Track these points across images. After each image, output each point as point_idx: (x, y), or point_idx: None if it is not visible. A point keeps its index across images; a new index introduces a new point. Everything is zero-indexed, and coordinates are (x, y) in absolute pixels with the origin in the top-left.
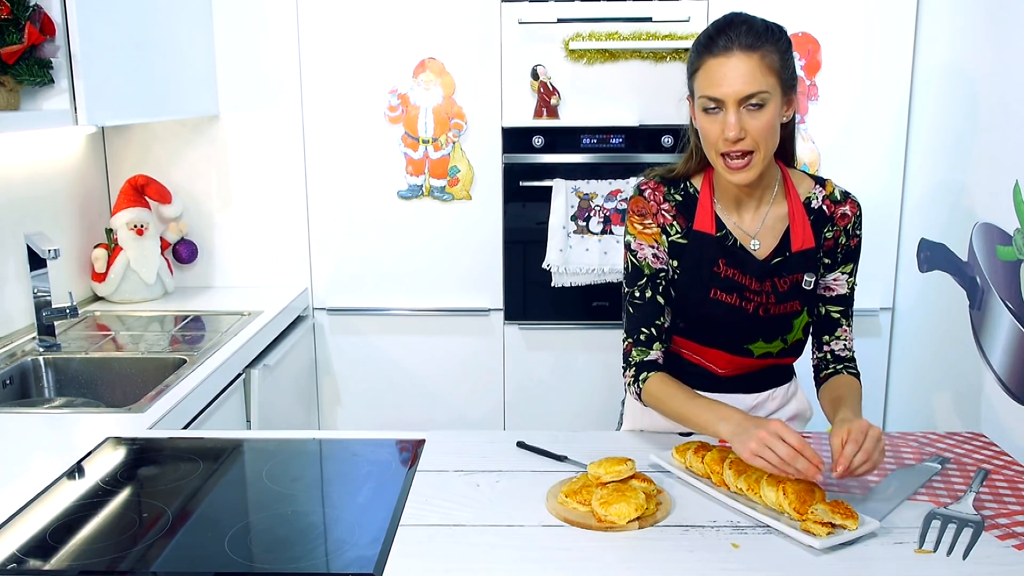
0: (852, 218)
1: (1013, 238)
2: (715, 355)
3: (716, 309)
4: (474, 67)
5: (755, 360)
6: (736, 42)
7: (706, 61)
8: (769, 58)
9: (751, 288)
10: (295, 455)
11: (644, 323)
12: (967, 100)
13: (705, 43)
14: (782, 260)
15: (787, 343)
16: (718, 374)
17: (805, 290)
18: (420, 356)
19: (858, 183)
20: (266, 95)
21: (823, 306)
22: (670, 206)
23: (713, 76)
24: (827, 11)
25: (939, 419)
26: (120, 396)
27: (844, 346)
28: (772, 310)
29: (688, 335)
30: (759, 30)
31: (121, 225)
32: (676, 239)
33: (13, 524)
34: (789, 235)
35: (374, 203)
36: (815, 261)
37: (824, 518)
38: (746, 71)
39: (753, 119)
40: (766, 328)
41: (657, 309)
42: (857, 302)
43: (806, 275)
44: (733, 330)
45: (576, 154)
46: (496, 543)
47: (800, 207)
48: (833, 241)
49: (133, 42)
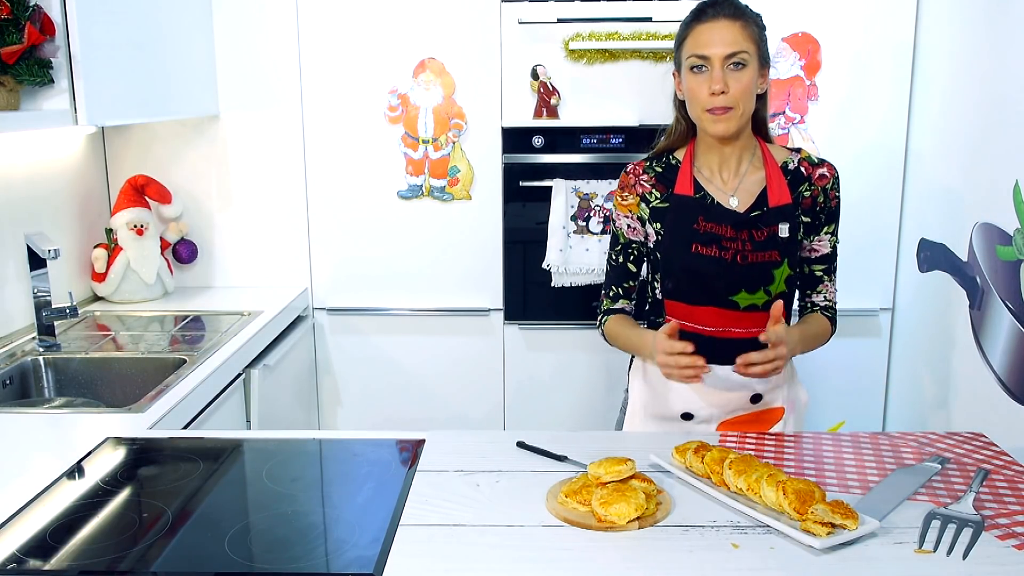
0: (831, 179)
1: (1013, 238)
2: (704, 313)
3: (698, 262)
4: (474, 67)
5: (742, 313)
6: (722, 12)
7: (694, 28)
8: (750, 28)
9: (727, 236)
10: (295, 455)
11: (615, 282)
12: (967, 100)
13: (694, 14)
14: (760, 214)
15: (770, 295)
16: (709, 335)
17: (782, 239)
18: (420, 356)
19: (858, 183)
20: (266, 95)
21: (808, 266)
22: (649, 176)
23: (701, 38)
24: (827, 11)
25: (939, 419)
26: (120, 396)
27: (825, 298)
28: (750, 257)
29: (677, 295)
30: (742, 7)
31: (121, 225)
32: (657, 204)
33: (13, 524)
34: (766, 193)
35: (374, 203)
36: (792, 216)
37: (824, 518)
38: (729, 34)
39: (734, 78)
40: (747, 277)
41: (627, 273)
42: (857, 302)
43: (781, 224)
44: (716, 281)
45: (576, 154)
46: (496, 543)
47: (777, 170)
48: (811, 200)
49: (133, 42)
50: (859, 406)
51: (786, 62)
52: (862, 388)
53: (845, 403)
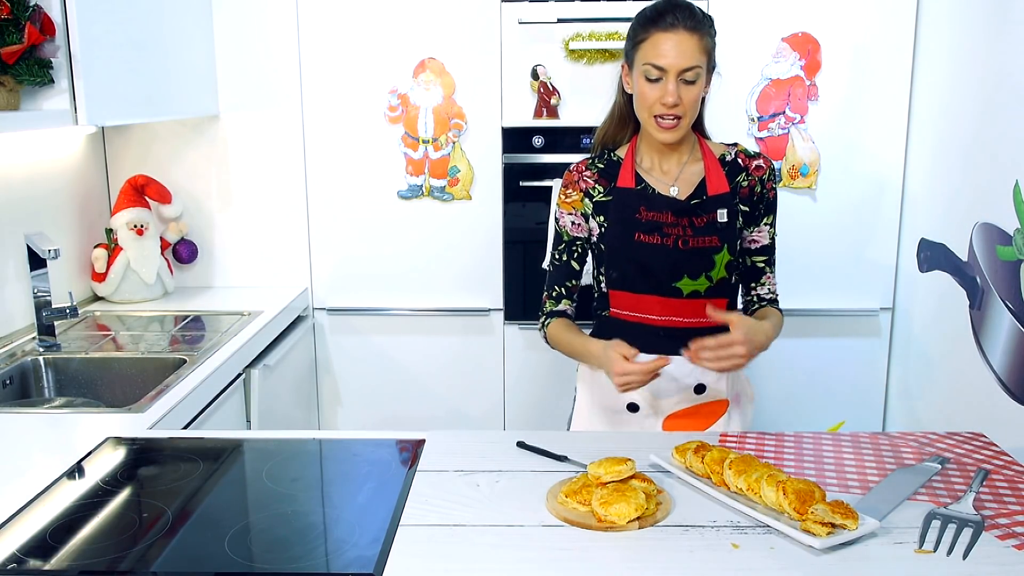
0: (767, 170)
1: (1013, 238)
2: (648, 301)
3: (641, 251)
4: (474, 67)
5: (685, 301)
6: (682, 23)
7: (653, 34)
8: (705, 41)
9: (668, 222)
10: (295, 455)
11: (558, 282)
12: (967, 100)
13: (653, 17)
14: (699, 202)
15: (712, 281)
16: (655, 325)
17: (721, 223)
18: (420, 356)
19: (858, 183)
20: (266, 95)
21: (749, 258)
22: (591, 173)
23: (660, 48)
24: (827, 11)
25: (939, 419)
26: (120, 396)
27: (768, 290)
28: (691, 243)
29: (621, 285)
30: (699, 16)
31: (121, 225)
32: (600, 199)
33: (13, 524)
34: (705, 183)
35: (374, 203)
36: (731, 204)
37: (824, 518)
38: (687, 48)
39: (686, 91)
40: (688, 262)
41: (570, 272)
42: (857, 302)
43: (720, 211)
44: (659, 268)
45: (576, 154)
46: (496, 543)
47: (715, 162)
48: (748, 189)
49: (133, 42)
50: (859, 406)
51: (786, 62)
52: (862, 388)
53: (845, 403)
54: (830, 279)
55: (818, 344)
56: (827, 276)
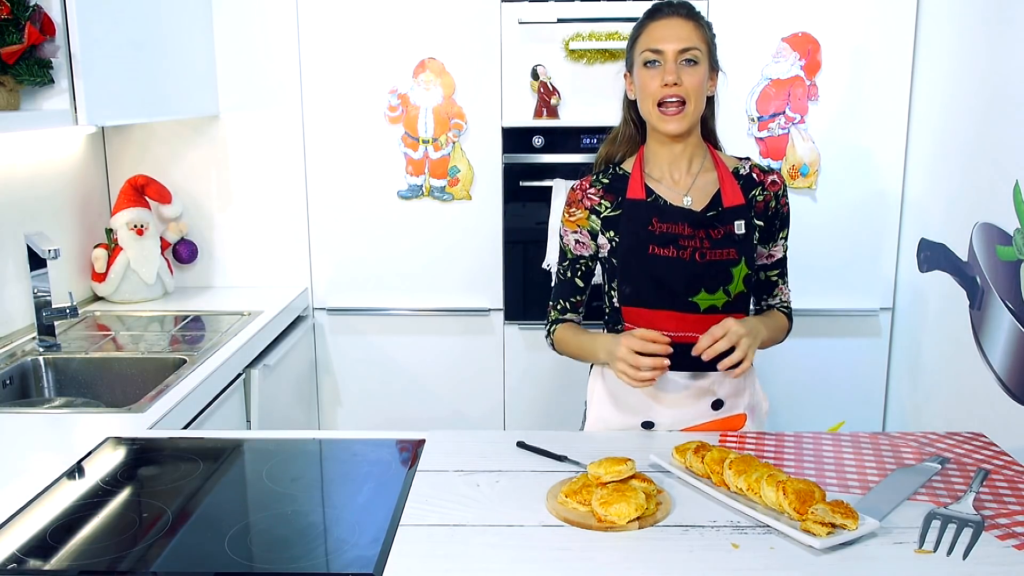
0: (781, 185)
1: (1013, 238)
2: (664, 317)
3: (656, 264)
4: (474, 67)
5: (702, 316)
6: (676, 12)
7: (648, 25)
8: (701, 29)
9: (684, 234)
10: (295, 455)
11: (562, 296)
12: (967, 100)
13: (648, 14)
14: (715, 213)
15: (730, 295)
16: (671, 342)
17: (738, 235)
18: (420, 356)
19: (858, 183)
20: (266, 95)
21: (764, 272)
22: (596, 189)
23: (655, 34)
24: (827, 11)
25: (939, 419)
26: (120, 396)
27: (780, 300)
28: (708, 255)
29: (635, 301)
30: (695, 11)
31: (121, 225)
32: (608, 214)
33: (13, 524)
34: (720, 195)
35: (374, 203)
36: (748, 217)
37: (824, 518)
38: (683, 31)
39: (687, 73)
40: (706, 276)
41: (575, 288)
42: (857, 302)
43: (737, 222)
44: (675, 282)
45: (576, 154)
46: (496, 543)
47: (729, 174)
48: (764, 204)
49: (133, 42)
50: (859, 406)
51: (786, 62)
52: (862, 388)
53: (845, 403)
54: (830, 279)
55: (818, 344)
56: (827, 276)
